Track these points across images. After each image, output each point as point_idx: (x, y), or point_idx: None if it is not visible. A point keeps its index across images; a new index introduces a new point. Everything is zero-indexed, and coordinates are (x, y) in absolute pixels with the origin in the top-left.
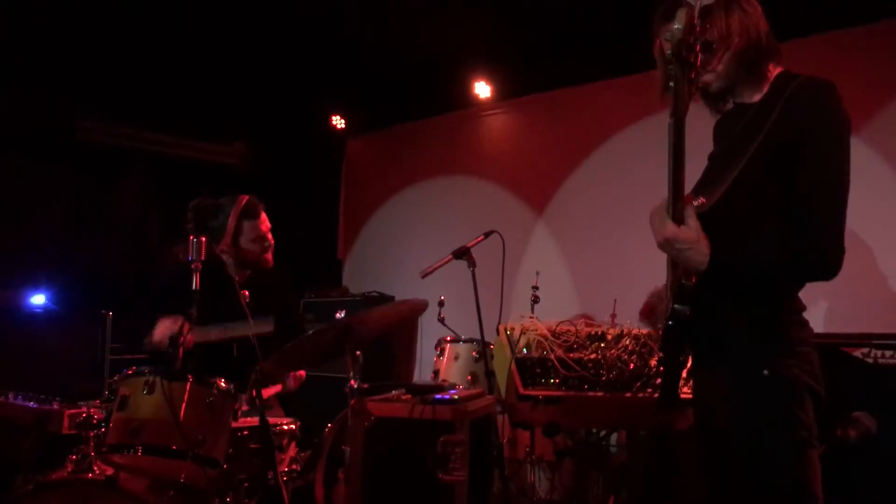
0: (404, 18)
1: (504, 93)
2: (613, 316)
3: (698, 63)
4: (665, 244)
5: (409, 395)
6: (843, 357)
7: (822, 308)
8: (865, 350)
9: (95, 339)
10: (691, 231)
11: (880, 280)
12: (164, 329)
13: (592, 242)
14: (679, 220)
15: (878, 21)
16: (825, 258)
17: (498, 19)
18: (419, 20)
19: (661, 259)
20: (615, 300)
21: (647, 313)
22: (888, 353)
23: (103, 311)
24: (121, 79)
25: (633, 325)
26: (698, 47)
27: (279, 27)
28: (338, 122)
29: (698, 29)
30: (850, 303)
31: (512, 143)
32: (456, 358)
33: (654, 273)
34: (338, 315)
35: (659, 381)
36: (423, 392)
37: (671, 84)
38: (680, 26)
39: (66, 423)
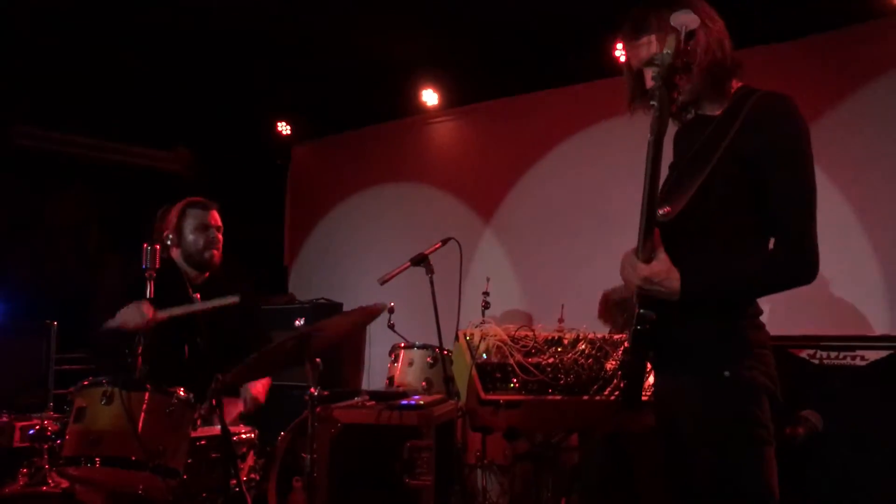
0: (352, 26)
1: (451, 101)
2: (561, 320)
3: (682, 84)
4: (644, 284)
5: (374, 402)
6: (790, 358)
7: (766, 310)
8: (811, 352)
9: (40, 350)
10: (661, 264)
11: (822, 284)
12: (127, 313)
13: (539, 249)
14: (648, 257)
15: (810, 35)
16: (808, 266)
17: (446, 28)
18: (367, 28)
19: (606, 264)
20: (563, 305)
21: (603, 313)
22: (832, 353)
23: (48, 322)
24: (59, 83)
25: (588, 329)
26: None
27: (223, 31)
28: (283, 128)
29: (683, 54)
30: (793, 306)
31: (459, 151)
32: (410, 364)
33: (599, 277)
34: (297, 323)
35: (616, 382)
36: (388, 398)
37: (654, 104)
38: (669, 51)
39: (17, 435)
